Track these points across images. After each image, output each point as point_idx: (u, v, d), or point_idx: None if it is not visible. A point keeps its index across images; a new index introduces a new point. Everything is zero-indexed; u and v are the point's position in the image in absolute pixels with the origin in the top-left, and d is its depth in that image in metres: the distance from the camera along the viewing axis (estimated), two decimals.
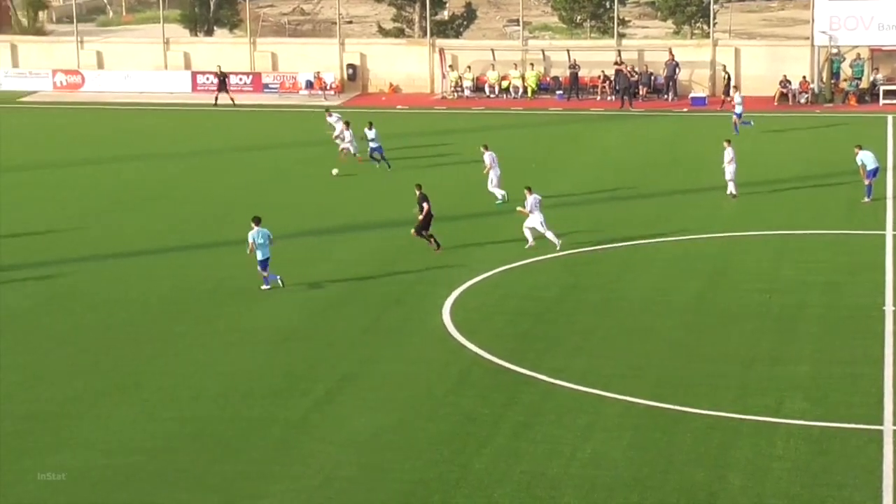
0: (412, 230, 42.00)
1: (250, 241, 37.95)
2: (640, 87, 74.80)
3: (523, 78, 76.76)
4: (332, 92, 77.14)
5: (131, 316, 36.36)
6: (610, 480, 25.47)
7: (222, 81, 74.69)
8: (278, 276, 38.46)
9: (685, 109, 71.98)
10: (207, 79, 77.96)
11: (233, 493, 25.30)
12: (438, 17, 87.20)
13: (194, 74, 78.59)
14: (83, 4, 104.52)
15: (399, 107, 73.79)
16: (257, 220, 38.06)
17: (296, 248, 42.36)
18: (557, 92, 76.16)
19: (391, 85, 78.56)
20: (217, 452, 27.13)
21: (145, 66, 79.39)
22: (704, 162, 54.95)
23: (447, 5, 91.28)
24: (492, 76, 77.00)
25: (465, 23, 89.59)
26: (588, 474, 25.76)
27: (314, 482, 25.68)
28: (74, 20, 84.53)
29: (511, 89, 76.76)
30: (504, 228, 45.08)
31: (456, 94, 76.67)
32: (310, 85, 77.50)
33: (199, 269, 40.78)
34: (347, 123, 57.00)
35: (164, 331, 35.05)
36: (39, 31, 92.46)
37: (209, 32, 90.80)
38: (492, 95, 76.55)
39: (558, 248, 42.13)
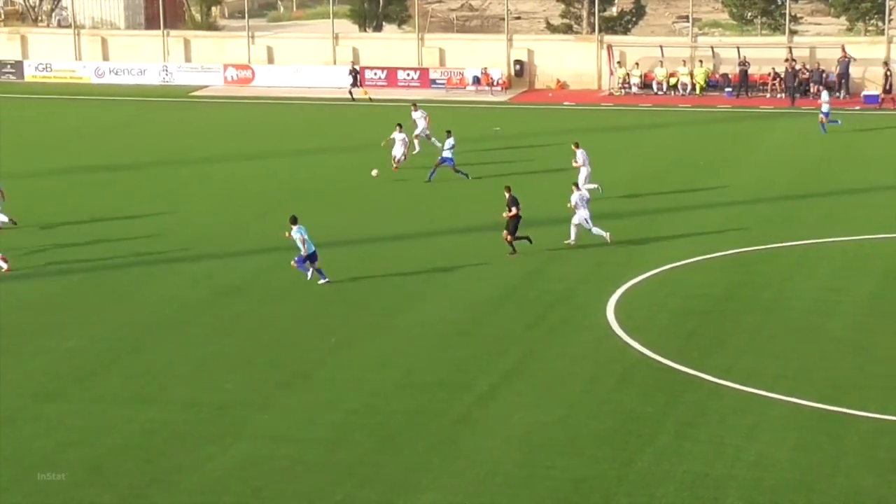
0: (505, 232, 41.62)
1: (301, 237, 38.05)
2: (811, 84, 73.58)
3: (692, 75, 76.04)
4: (499, 88, 77.18)
5: (315, 307, 36.79)
6: (774, 483, 25.08)
7: (355, 77, 75.45)
8: (310, 271, 38.61)
9: (857, 107, 70.63)
10: (375, 74, 78.57)
11: (396, 485, 25.46)
12: (607, 14, 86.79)
13: (362, 69, 79.21)
14: (255, 0, 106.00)
15: (566, 103, 73.55)
16: (294, 220, 38.37)
17: (468, 242, 42.47)
18: (726, 89, 75.30)
19: (558, 81, 78.36)
20: (384, 445, 27.34)
21: (314, 62, 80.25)
22: (878, 160, 53.83)
23: (616, 2, 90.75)
24: (660, 73, 76.40)
25: (633, 19, 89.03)
26: (752, 476, 25.39)
27: (476, 477, 25.70)
28: (246, 16, 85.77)
29: (679, 86, 76.10)
30: (672, 226, 44.68)
31: (623, 90, 76.23)
32: (477, 81, 77.65)
33: (376, 263, 41.01)
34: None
35: (343, 323, 35.39)
36: (212, 27, 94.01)
37: (378, 28, 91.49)
38: (659, 92, 75.97)
39: (608, 240, 41.85)
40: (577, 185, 42.74)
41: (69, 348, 33.61)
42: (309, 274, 38.77)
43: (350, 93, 74.69)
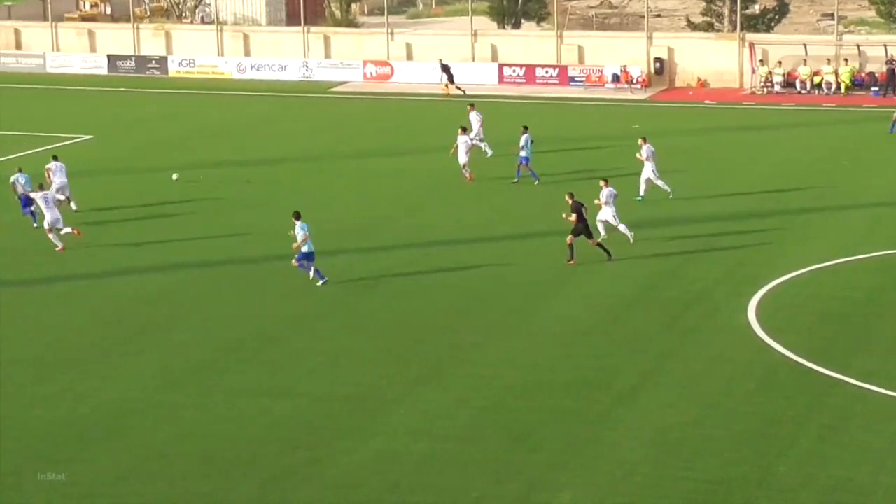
0: (569, 235, 40.63)
1: (304, 234, 37.75)
2: None
3: (836, 74, 74.67)
4: (639, 86, 76.53)
5: (449, 304, 36.74)
6: None
7: (448, 71, 75.54)
8: (312, 270, 38.31)
9: None
10: (514, 71, 78.36)
11: (533, 483, 25.30)
12: (749, 11, 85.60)
13: (500, 66, 79.00)
14: None
15: (707, 102, 72.69)
16: (298, 216, 38.15)
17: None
18: (873, 88, 73.82)
19: (699, 79, 77.48)
20: (520, 442, 27.20)
21: (453, 58, 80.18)
22: None
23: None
24: (803, 71, 75.14)
25: (776, 17, 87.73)
26: None
27: (614, 477, 25.44)
28: (385, 12, 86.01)
29: (823, 85, 74.75)
30: (814, 226, 43.94)
31: (766, 89, 75.09)
32: (616, 79, 77.05)
33: (508, 260, 40.83)
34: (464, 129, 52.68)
35: (476, 320, 35.30)
36: (351, 24, 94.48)
37: (516, 25, 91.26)
38: (803, 91, 74.70)
39: (631, 241, 41.30)
40: (606, 180, 42.10)
41: (200, 340, 33.87)
42: (311, 273, 38.54)
43: (459, 88, 75.08)
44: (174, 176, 51.03)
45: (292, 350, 33.19)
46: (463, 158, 51.20)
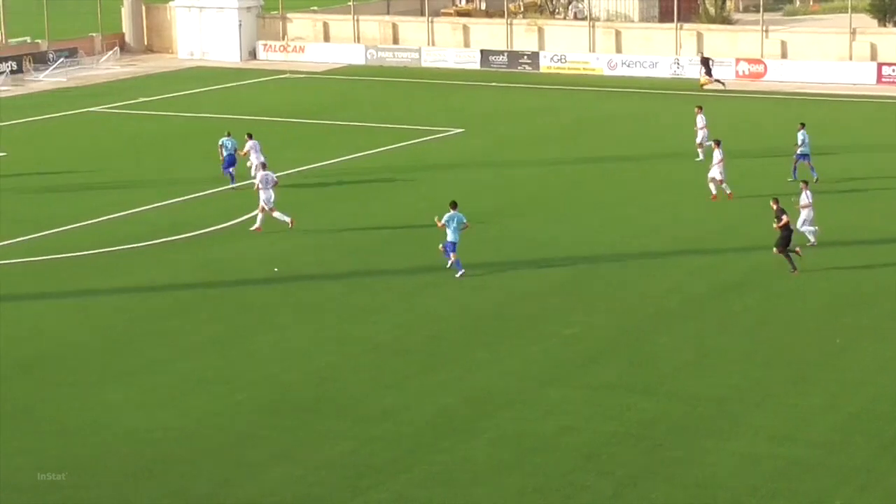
0: (774, 248, 38.93)
1: (443, 221, 38.64)
2: None
3: None
4: None
5: (817, 307, 36.05)
6: None
7: (707, 66, 74.93)
8: (460, 266, 38.79)
9: None
10: (894, 70, 75.86)
11: None
12: None
13: (879, 66, 76.64)
14: None
15: None
16: (454, 205, 38.87)
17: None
18: None
19: None
20: (884, 451, 26.58)
21: (829, 57, 78.29)
22: None
23: None
24: None
25: None
26: None
27: None
28: (761, 9, 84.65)
29: None
30: None
31: None
32: None
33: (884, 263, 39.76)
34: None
35: (847, 324, 34.52)
36: (725, 21, 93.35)
37: None
38: None
39: (811, 243, 40.19)
40: (805, 182, 41.86)
41: (571, 335, 34.10)
42: (449, 262, 38.74)
43: (718, 81, 74.55)
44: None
45: (657, 348, 33.06)
46: (716, 173, 48.12)
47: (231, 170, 50.78)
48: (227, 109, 69.19)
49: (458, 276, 38.85)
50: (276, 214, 43.68)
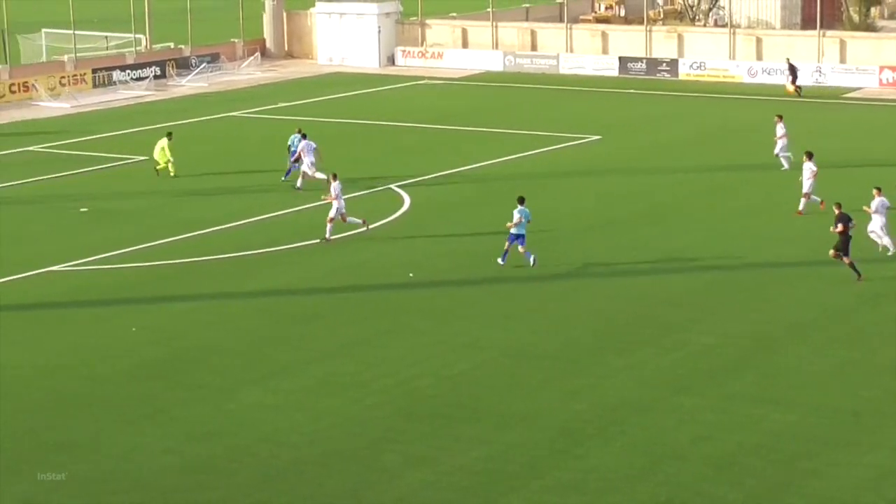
0: (831, 250, 38.50)
1: (518, 217, 40.00)
2: None
3: None
4: None
5: None
6: None
7: (793, 73, 75.03)
8: (532, 255, 40.31)
9: None
10: None
11: None
12: None
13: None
14: None
15: None
16: (521, 200, 40.44)
17: None
18: None
19: None
20: None
21: None
22: None
23: None
24: None
25: None
26: None
27: None
28: None
29: None
30: None
31: None
32: None
33: None
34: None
35: None
36: (870, 28, 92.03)
37: None
38: None
39: (890, 252, 39.88)
40: (879, 189, 41.02)
41: (706, 344, 33.88)
42: (504, 256, 40.48)
43: (797, 88, 74.68)
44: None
45: (793, 359, 32.72)
46: (807, 185, 47.39)
47: (297, 165, 52.46)
48: (366, 115, 69.79)
49: (531, 264, 40.23)
50: (349, 220, 44.54)
